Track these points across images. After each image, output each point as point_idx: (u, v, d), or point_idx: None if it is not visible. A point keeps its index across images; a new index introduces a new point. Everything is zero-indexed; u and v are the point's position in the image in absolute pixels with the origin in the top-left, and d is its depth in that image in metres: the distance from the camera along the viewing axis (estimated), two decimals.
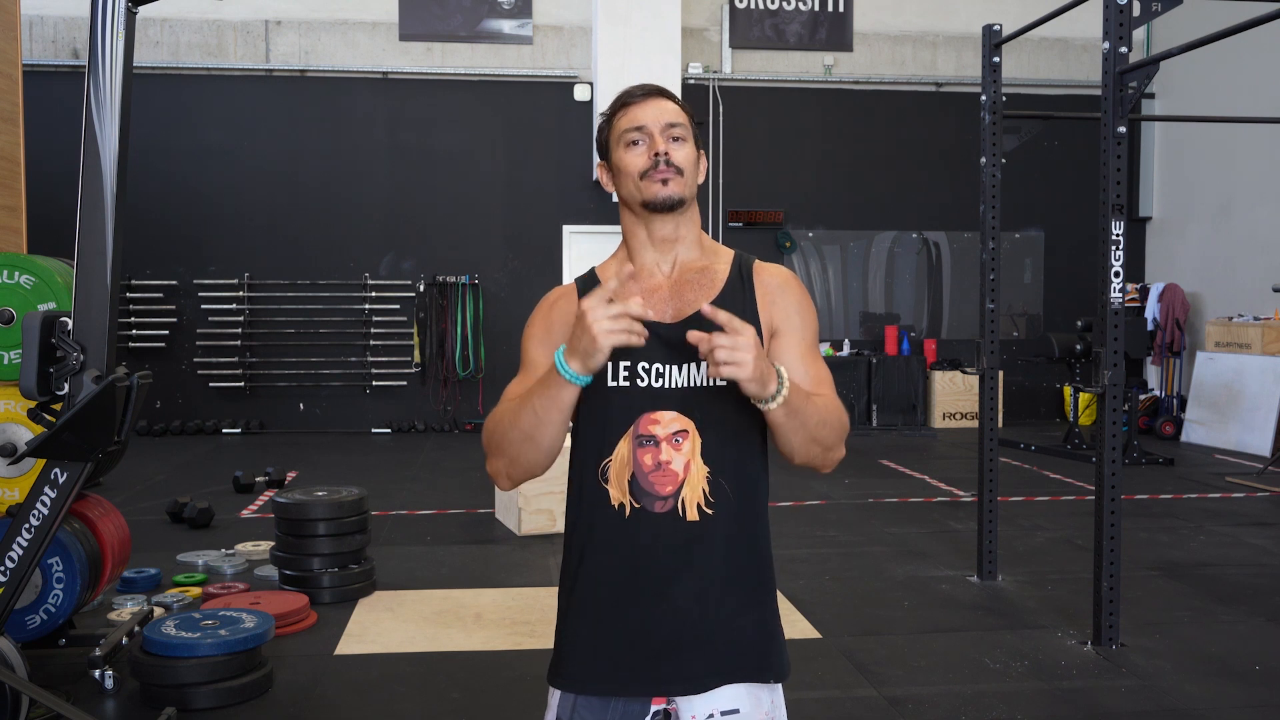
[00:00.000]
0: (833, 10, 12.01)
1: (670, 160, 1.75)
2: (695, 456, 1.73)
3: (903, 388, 11.78)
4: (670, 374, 1.74)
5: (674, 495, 1.73)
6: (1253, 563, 5.88)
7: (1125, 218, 4.43)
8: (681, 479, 1.73)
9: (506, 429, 1.71)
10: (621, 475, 1.74)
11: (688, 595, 1.73)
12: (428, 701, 3.88)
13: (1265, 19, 4.13)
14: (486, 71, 11.56)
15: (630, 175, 1.76)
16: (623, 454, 1.74)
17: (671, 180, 1.74)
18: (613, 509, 1.74)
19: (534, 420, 1.67)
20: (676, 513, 1.73)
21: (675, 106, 1.79)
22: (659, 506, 1.73)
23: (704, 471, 1.74)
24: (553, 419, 1.67)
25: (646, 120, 1.76)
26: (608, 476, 1.75)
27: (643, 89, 1.80)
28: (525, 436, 1.69)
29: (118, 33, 3.46)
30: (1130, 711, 3.80)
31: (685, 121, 1.79)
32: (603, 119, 1.83)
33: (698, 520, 1.73)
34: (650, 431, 1.74)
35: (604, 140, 1.82)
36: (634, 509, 1.73)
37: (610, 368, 1.74)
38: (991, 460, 5.42)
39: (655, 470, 1.73)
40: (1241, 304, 10.92)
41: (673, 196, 1.75)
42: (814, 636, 4.57)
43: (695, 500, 1.73)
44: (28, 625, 3.95)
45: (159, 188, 10.89)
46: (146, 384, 3.70)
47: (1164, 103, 12.22)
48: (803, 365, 1.80)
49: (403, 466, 9.14)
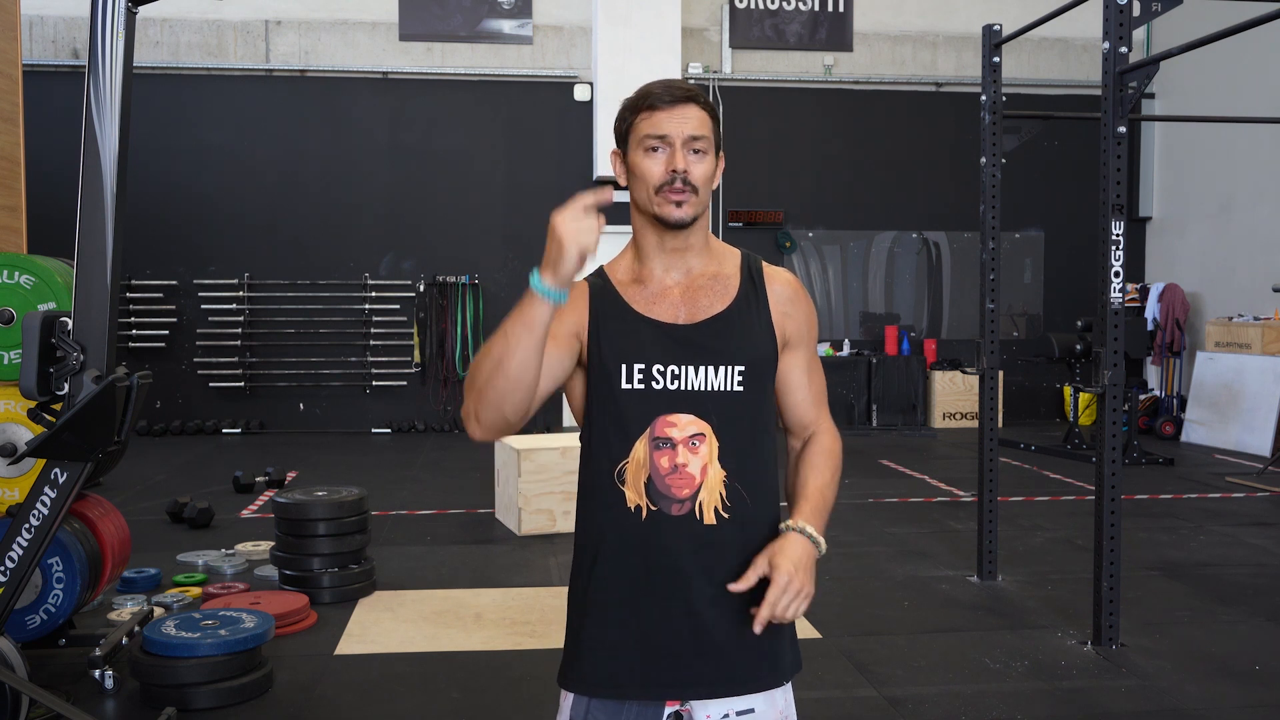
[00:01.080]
0: (833, 10, 12.01)
1: (688, 180, 1.71)
2: (713, 460, 1.73)
3: (903, 388, 11.79)
4: (686, 375, 1.74)
5: (691, 498, 1.72)
6: (1253, 563, 5.88)
7: (1125, 218, 4.43)
8: (699, 482, 1.73)
9: (480, 360, 1.66)
10: (638, 478, 1.73)
11: (703, 599, 1.73)
12: (428, 701, 3.88)
13: (1265, 19, 4.13)
14: (486, 71, 11.56)
15: (646, 184, 1.73)
16: (639, 456, 1.73)
17: (686, 202, 1.72)
18: (629, 511, 1.73)
19: (504, 345, 1.62)
20: (694, 516, 1.73)
21: (701, 114, 1.73)
22: (676, 509, 1.72)
23: (721, 475, 1.73)
24: (523, 342, 1.61)
25: (670, 130, 1.71)
26: (624, 479, 1.74)
27: (671, 94, 1.72)
28: (495, 364, 1.62)
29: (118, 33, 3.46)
30: (1130, 711, 3.80)
31: (709, 132, 1.73)
32: (625, 107, 1.77)
33: (715, 524, 1.73)
34: (667, 434, 1.73)
35: (623, 131, 1.77)
36: (650, 511, 1.72)
37: (624, 370, 1.73)
38: (991, 460, 5.42)
39: (672, 473, 1.72)
40: (1241, 304, 10.93)
41: (685, 219, 1.73)
42: (814, 636, 4.57)
43: (713, 504, 1.73)
44: (28, 625, 3.94)
45: (159, 188, 10.89)
46: (146, 384, 3.70)
47: (1164, 103, 12.23)
48: (807, 380, 1.85)
49: (403, 466, 9.14)
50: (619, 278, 1.81)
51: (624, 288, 1.79)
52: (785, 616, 1.64)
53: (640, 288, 1.78)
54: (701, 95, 1.75)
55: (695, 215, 1.74)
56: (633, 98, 1.76)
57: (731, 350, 1.75)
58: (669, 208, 1.72)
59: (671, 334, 1.74)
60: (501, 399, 1.64)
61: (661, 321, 1.75)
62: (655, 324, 1.75)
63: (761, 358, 1.77)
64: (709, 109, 1.76)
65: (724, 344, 1.74)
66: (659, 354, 1.73)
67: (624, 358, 1.73)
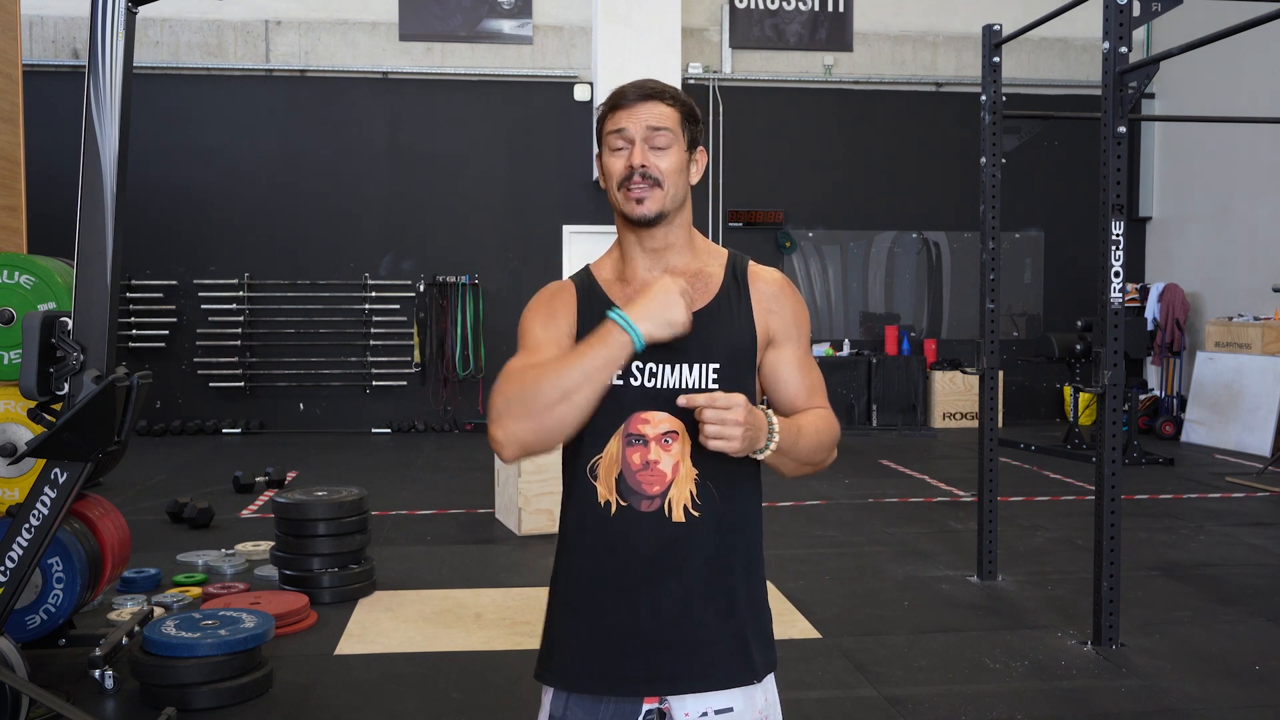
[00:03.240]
0: (833, 10, 12.01)
1: (647, 173, 1.72)
2: (685, 458, 1.73)
3: (903, 388, 11.78)
4: (663, 374, 1.74)
5: (661, 495, 1.73)
6: (1253, 563, 5.88)
7: (1125, 218, 4.43)
8: (669, 480, 1.73)
9: (539, 387, 1.63)
10: (610, 473, 1.74)
11: (670, 596, 1.73)
12: (428, 701, 3.88)
13: (1265, 19, 4.13)
14: (486, 71, 11.56)
15: (611, 181, 1.76)
16: (612, 452, 1.74)
17: (647, 198, 1.72)
18: (599, 506, 1.74)
19: (581, 378, 1.61)
20: (662, 513, 1.73)
21: (664, 109, 1.74)
22: (645, 506, 1.73)
23: (692, 474, 1.73)
24: (600, 380, 1.62)
25: (628, 124, 1.73)
26: (596, 474, 1.75)
27: (637, 90, 1.74)
28: (564, 396, 1.61)
29: (118, 33, 3.46)
30: (1130, 711, 3.80)
31: (673, 125, 1.74)
32: (599, 111, 1.81)
33: (683, 522, 1.73)
34: (640, 431, 1.73)
35: (599, 134, 1.80)
36: (620, 507, 1.73)
37: None
38: (991, 460, 5.42)
39: (643, 469, 1.73)
40: (1241, 304, 10.93)
41: (647, 215, 1.73)
42: (814, 636, 4.57)
43: (682, 502, 1.73)
44: (28, 625, 3.95)
45: (159, 188, 10.89)
46: (146, 384, 3.70)
47: (1164, 103, 12.22)
48: (799, 375, 1.83)
49: (403, 466, 9.14)
50: (604, 276, 1.84)
51: (608, 285, 1.82)
52: (706, 427, 1.59)
53: (623, 286, 1.81)
54: (670, 91, 1.76)
55: (661, 210, 1.74)
56: (606, 98, 1.79)
57: (706, 348, 1.75)
58: (630, 204, 1.73)
59: None
60: (561, 427, 1.64)
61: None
62: None
63: (737, 355, 1.77)
64: (678, 104, 1.76)
65: (699, 342, 1.74)
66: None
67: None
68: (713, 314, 1.77)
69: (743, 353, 1.78)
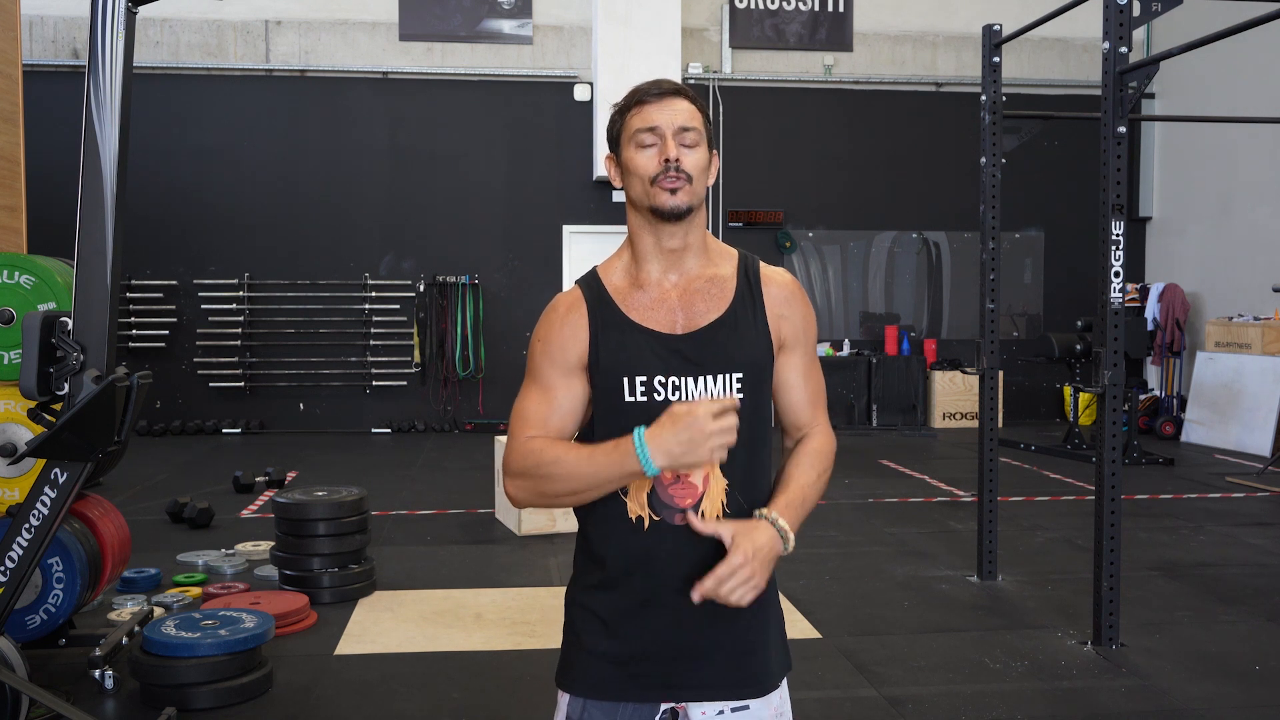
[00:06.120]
0: (833, 10, 12.01)
1: (681, 167, 1.72)
2: (714, 470, 1.73)
3: (903, 388, 11.78)
4: (686, 387, 1.73)
5: (693, 509, 1.73)
6: (1253, 563, 5.88)
7: (1125, 218, 4.43)
8: (701, 492, 1.73)
9: (551, 482, 1.70)
10: (640, 489, 1.73)
11: (701, 608, 1.72)
12: (428, 701, 3.88)
13: (1265, 19, 4.12)
14: (486, 71, 11.56)
15: (640, 178, 1.74)
16: None
17: (681, 189, 1.72)
18: (630, 521, 1.74)
19: (590, 485, 1.68)
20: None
21: (690, 107, 1.75)
22: (678, 519, 1.73)
23: (723, 484, 1.74)
24: (609, 489, 1.70)
25: (660, 121, 1.72)
26: (626, 490, 1.74)
27: (659, 87, 1.75)
28: (573, 493, 1.70)
29: (118, 33, 3.46)
30: (1130, 711, 3.80)
31: (699, 125, 1.75)
32: (615, 110, 1.79)
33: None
34: None
35: (615, 133, 1.78)
36: (653, 522, 1.73)
37: (628, 383, 1.73)
38: (991, 460, 5.42)
39: (675, 484, 1.73)
40: (1241, 304, 10.93)
41: (680, 206, 1.72)
42: (814, 636, 4.57)
43: (714, 513, 1.73)
44: (28, 625, 3.95)
45: (159, 188, 10.89)
46: (146, 384, 3.70)
47: (1164, 103, 12.22)
48: (803, 382, 1.85)
49: (403, 466, 9.14)
50: (614, 283, 1.80)
51: (620, 295, 1.78)
52: (727, 600, 1.63)
53: (637, 293, 1.78)
54: (688, 90, 1.77)
55: (690, 204, 1.73)
56: (622, 100, 1.79)
57: (728, 358, 1.75)
58: (664, 196, 1.72)
59: (669, 344, 1.74)
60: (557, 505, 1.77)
61: (659, 332, 1.75)
62: (653, 334, 1.75)
63: (758, 363, 1.77)
64: (697, 104, 1.77)
65: (720, 352, 1.74)
66: (659, 366, 1.73)
67: (625, 370, 1.73)
68: (730, 322, 1.76)
69: (762, 361, 1.78)
